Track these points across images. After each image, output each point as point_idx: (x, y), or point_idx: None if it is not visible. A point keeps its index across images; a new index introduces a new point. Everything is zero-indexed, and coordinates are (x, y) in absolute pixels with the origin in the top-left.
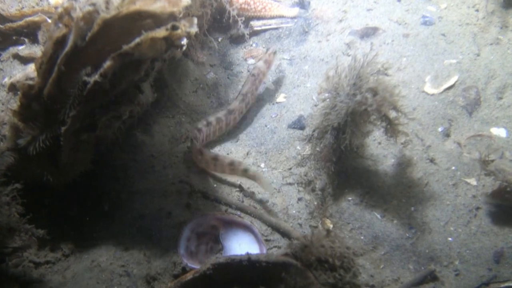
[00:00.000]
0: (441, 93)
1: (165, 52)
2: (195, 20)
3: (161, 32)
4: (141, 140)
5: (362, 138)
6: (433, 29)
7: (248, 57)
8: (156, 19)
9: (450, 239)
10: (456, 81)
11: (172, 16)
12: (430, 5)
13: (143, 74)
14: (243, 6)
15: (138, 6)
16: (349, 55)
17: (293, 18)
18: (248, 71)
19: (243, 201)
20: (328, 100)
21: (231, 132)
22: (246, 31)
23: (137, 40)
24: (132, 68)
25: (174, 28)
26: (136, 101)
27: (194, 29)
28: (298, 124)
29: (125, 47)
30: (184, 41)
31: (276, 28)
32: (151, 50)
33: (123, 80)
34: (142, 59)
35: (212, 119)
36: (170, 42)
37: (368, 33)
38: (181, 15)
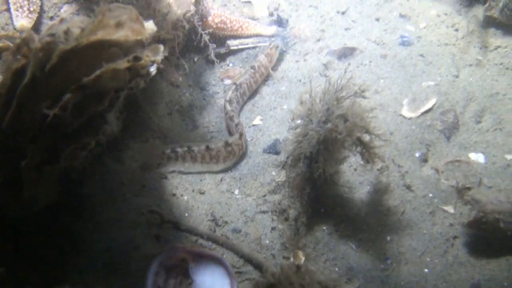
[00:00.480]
0: (419, 116)
1: (129, 82)
2: (161, 48)
3: (122, 64)
4: (111, 167)
5: (336, 165)
6: (411, 49)
7: (224, 78)
8: (122, 47)
9: (426, 270)
10: (434, 104)
11: (139, 42)
12: (409, 25)
13: (107, 104)
14: (219, 25)
15: (100, 36)
16: (326, 76)
17: (270, 36)
18: (224, 91)
19: (215, 231)
20: (300, 127)
21: None
22: (223, 50)
23: (97, 72)
24: (94, 99)
25: (137, 59)
26: (101, 132)
27: (160, 57)
28: (274, 149)
29: (85, 80)
30: (153, 68)
31: (254, 47)
32: (114, 81)
33: (86, 112)
34: (104, 90)
35: None
36: (135, 72)
37: (345, 53)
38: (149, 40)
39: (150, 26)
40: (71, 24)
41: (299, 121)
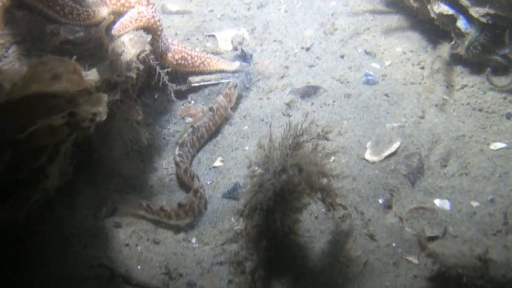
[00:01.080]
0: (382, 160)
1: (69, 136)
2: (104, 98)
3: (57, 120)
4: (61, 215)
5: (295, 215)
6: (376, 88)
7: (186, 116)
8: (65, 97)
9: None
10: (398, 148)
11: (86, 90)
12: (374, 62)
13: (46, 159)
14: (180, 62)
15: (35, 88)
16: (289, 115)
17: (234, 72)
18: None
19: (168, 286)
20: (256, 176)
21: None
22: (184, 88)
23: (30, 129)
24: (31, 155)
25: (72, 115)
26: (40, 186)
27: (102, 109)
28: (233, 194)
29: (18, 136)
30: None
31: (216, 84)
32: (50, 137)
33: (23, 167)
34: (41, 145)
35: None
36: (74, 126)
37: (309, 92)
38: (99, 84)
39: (92, 76)
40: (3, 77)
41: (256, 168)
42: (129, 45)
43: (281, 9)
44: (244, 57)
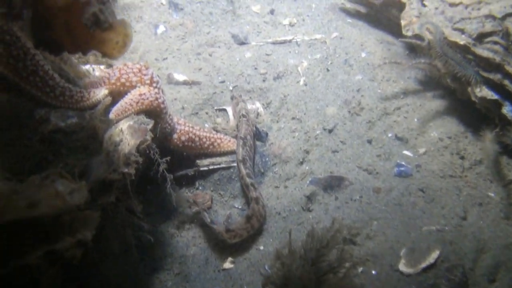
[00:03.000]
0: (420, 273)
1: (50, 269)
2: (95, 219)
3: (32, 259)
4: None
5: None
6: (409, 182)
7: (192, 204)
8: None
9: None
10: (438, 258)
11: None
12: (406, 150)
13: None
14: (186, 144)
15: (8, 218)
16: (310, 211)
17: None
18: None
19: None
20: None
21: None
22: (190, 172)
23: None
24: None
25: (50, 254)
26: None
27: (90, 233)
28: None
29: None
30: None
31: (228, 168)
32: (25, 274)
33: None
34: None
35: None
36: (55, 259)
37: (332, 184)
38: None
39: (78, 197)
40: None
41: None
42: (128, 133)
43: (300, 82)
44: (258, 135)
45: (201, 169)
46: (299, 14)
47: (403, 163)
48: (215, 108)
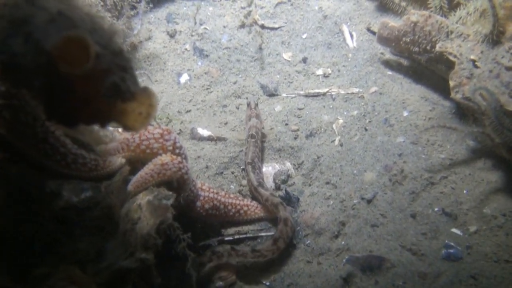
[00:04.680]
0: None
1: None
2: None
3: None
4: None
5: None
6: (459, 267)
7: (216, 278)
8: None
9: None
10: None
11: None
12: (455, 227)
13: None
14: (210, 212)
15: None
16: None
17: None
18: None
19: None
20: None
21: None
22: (214, 243)
23: None
24: None
25: None
26: None
27: None
28: None
29: None
30: None
31: (254, 238)
32: None
33: None
34: None
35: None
36: None
37: (371, 265)
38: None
39: None
40: None
41: None
42: (147, 210)
43: (335, 142)
44: (289, 200)
45: (226, 239)
46: (334, 63)
47: (451, 243)
48: (242, 167)
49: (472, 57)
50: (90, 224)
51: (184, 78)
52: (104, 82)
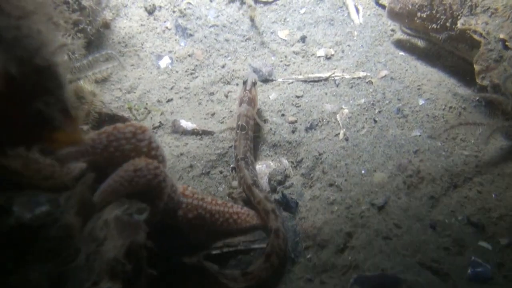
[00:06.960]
0: None
1: None
2: None
3: None
4: None
5: None
6: None
7: None
8: None
9: None
10: None
11: None
12: (483, 240)
13: None
14: (194, 222)
15: None
16: None
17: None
18: None
19: None
20: None
21: None
22: (193, 260)
23: None
24: None
25: None
26: None
27: None
28: None
29: None
30: None
31: (247, 251)
32: None
33: None
34: None
35: None
36: None
37: (384, 286)
38: None
39: None
40: None
41: None
42: (115, 228)
43: (340, 135)
44: (286, 204)
45: (213, 252)
46: (338, 43)
47: (479, 260)
48: (232, 166)
49: (501, 36)
50: (45, 247)
51: (165, 61)
52: (27, 106)
